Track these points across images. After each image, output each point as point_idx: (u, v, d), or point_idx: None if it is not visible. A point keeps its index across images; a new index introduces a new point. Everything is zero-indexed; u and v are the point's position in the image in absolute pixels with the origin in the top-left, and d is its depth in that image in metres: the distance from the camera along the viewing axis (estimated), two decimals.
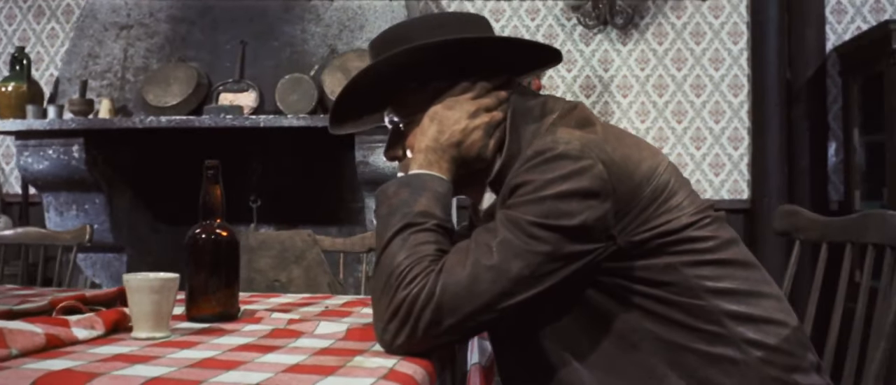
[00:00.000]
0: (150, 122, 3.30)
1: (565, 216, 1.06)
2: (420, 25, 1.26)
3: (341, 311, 1.48)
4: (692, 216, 1.16)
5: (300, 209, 3.84)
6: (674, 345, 1.13)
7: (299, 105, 3.31)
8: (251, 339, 1.16)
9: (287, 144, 3.70)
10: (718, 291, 1.14)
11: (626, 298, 1.13)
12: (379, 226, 1.16)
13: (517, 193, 1.09)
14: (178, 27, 3.58)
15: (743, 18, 3.79)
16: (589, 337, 1.15)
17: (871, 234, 1.34)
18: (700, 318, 1.13)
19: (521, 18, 3.89)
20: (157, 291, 1.17)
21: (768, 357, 1.14)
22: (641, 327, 1.13)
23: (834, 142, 3.70)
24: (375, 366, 0.97)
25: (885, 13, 3.67)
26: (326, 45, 3.51)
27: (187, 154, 3.71)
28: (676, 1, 3.81)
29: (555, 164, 1.07)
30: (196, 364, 0.97)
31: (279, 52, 3.53)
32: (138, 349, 1.07)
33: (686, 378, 1.13)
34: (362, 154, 3.32)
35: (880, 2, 3.70)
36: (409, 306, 1.04)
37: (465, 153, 1.20)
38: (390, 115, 1.29)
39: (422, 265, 1.06)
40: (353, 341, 1.15)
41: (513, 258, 1.05)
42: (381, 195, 1.18)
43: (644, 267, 1.12)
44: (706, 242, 1.16)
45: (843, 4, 3.72)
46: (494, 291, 1.05)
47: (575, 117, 1.17)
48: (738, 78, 3.79)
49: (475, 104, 1.21)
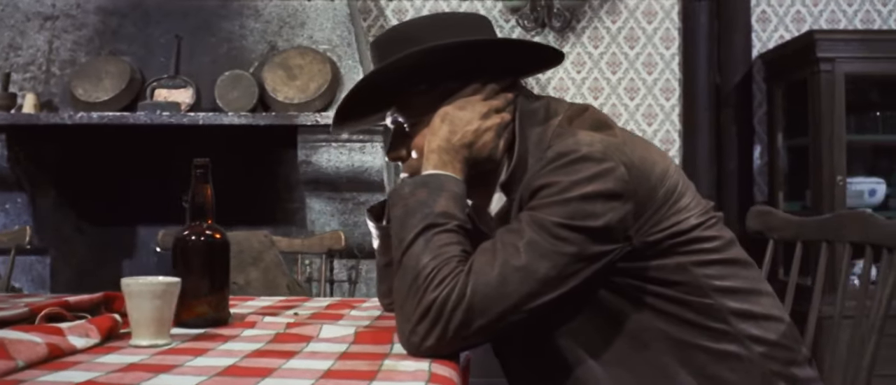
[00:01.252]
0: (80, 117, 3.15)
1: (590, 217, 1.07)
2: (426, 26, 1.24)
3: (329, 314, 1.45)
4: (699, 217, 1.19)
5: (234, 209, 3.72)
6: (683, 343, 1.16)
7: (240, 103, 3.22)
8: (259, 344, 1.12)
9: (221, 142, 3.59)
10: (724, 290, 1.17)
11: (638, 298, 1.15)
12: (395, 226, 1.14)
13: (541, 195, 1.09)
14: (108, 19, 3.43)
15: (675, 24, 3.91)
16: (602, 336, 1.16)
17: (850, 232, 1.41)
18: (708, 317, 1.16)
19: None
20: (160, 296, 1.11)
21: (769, 352, 1.18)
22: (653, 326, 1.16)
23: (759, 145, 3.86)
24: (413, 369, 0.95)
25: (806, 23, 3.86)
26: (266, 42, 3.42)
27: (116, 152, 3.56)
28: (612, 5, 3.90)
29: (579, 166, 1.08)
30: (225, 372, 0.93)
31: (216, 47, 3.42)
32: (148, 358, 1.02)
33: (695, 375, 1.16)
34: (305, 153, 3.26)
35: (801, 12, 3.88)
36: (439, 308, 1.03)
37: (476, 154, 1.19)
38: (395, 116, 1.27)
39: (449, 266, 1.05)
40: (367, 345, 1.12)
41: (540, 259, 1.05)
42: (395, 195, 1.16)
43: (657, 267, 1.15)
44: (712, 242, 1.19)
45: (767, 14, 3.89)
46: (523, 292, 1.05)
47: (589, 119, 1.18)
48: (670, 82, 3.91)
49: (486, 105, 1.21)
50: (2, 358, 0.92)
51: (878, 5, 3.85)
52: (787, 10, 3.88)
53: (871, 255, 1.35)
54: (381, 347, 1.10)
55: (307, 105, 3.24)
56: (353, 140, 3.26)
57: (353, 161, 3.26)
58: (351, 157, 3.26)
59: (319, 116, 3.20)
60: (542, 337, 1.17)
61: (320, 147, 3.25)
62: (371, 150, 3.26)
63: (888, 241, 1.28)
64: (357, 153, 3.26)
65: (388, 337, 1.17)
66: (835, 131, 3.33)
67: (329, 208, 3.39)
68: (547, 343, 1.17)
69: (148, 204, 3.64)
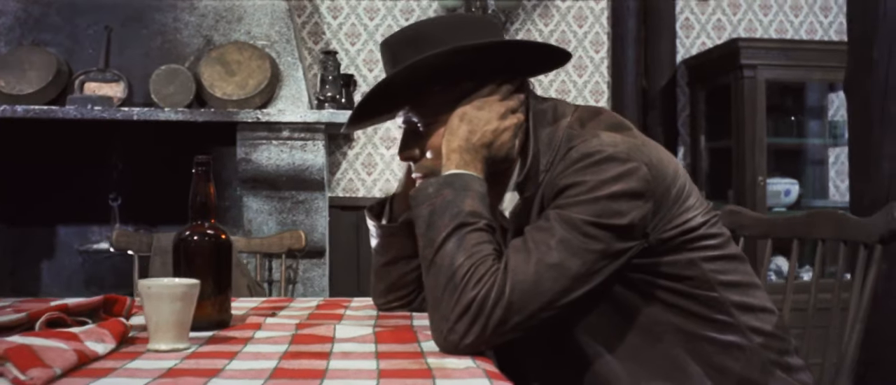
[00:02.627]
0: (3, 111, 2.98)
1: (617, 215, 1.10)
2: (441, 27, 1.25)
3: (327, 314, 1.43)
4: (705, 215, 1.24)
5: (163, 208, 3.60)
6: (692, 335, 1.21)
7: (176, 98, 3.12)
8: (283, 346, 1.10)
9: (149, 139, 3.46)
10: (727, 284, 1.23)
11: (650, 293, 1.20)
12: (421, 225, 1.14)
13: (568, 193, 1.11)
14: (31, 8, 3.25)
15: (604, 29, 4.02)
16: (617, 331, 1.20)
17: (821, 230, 1.50)
18: (714, 310, 1.22)
19: (396, 18, 3.90)
20: (180, 299, 1.08)
21: (766, 342, 1.25)
22: (664, 320, 1.20)
23: (682, 146, 4.02)
24: (463, 366, 0.96)
25: (726, 31, 4.04)
26: (201, 36, 3.33)
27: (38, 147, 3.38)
28: (544, 9, 3.98)
29: (605, 166, 1.11)
30: (277, 375, 0.91)
31: (148, 40, 3.30)
32: (181, 362, 0.99)
33: (702, 365, 1.21)
34: (245, 151, 3.19)
35: (721, 21, 4.07)
36: (479, 305, 1.04)
37: (494, 154, 1.21)
38: (408, 115, 1.27)
39: (486, 265, 1.06)
40: (394, 344, 1.11)
41: (571, 256, 1.08)
42: (419, 195, 1.16)
43: (669, 263, 1.19)
44: (717, 239, 1.25)
45: (690, 21, 4.06)
46: (556, 289, 1.07)
47: (606, 121, 1.22)
48: (599, 85, 4.02)
49: (504, 106, 1.22)
50: (38, 366, 0.88)
51: (791, 16, 4.08)
52: (709, 18, 4.06)
53: (845, 251, 1.44)
54: (409, 346, 1.10)
55: (247, 102, 3.17)
56: (295, 138, 3.21)
57: (294, 159, 3.21)
58: (292, 156, 3.21)
59: (260, 113, 3.14)
60: (562, 334, 1.20)
61: (260, 144, 3.19)
62: (313, 148, 3.22)
63: (864, 237, 1.37)
64: (298, 151, 3.21)
65: (411, 336, 1.17)
66: (756, 134, 3.52)
67: (267, 207, 3.32)
68: (566, 340, 1.20)
69: (69, 203, 3.47)
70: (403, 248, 1.41)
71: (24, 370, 0.86)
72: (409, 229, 1.41)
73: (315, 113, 3.19)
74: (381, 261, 1.43)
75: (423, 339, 1.14)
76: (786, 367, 1.26)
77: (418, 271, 1.43)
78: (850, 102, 2.39)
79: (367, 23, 3.88)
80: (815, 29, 4.08)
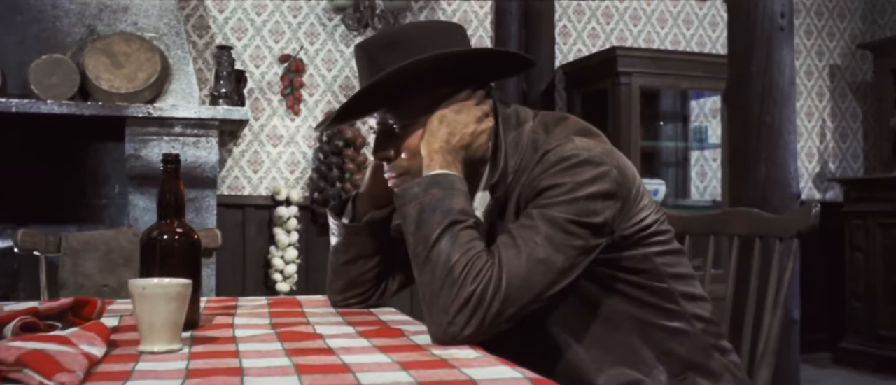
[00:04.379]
0: None
1: (593, 214, 1.19)
2: (417, 32, 1.29)
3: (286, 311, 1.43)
4: (656, 213, 1.35)
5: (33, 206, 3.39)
6: (645, 323, 1.32)
7: (59, 89, 2.95)
8: (277, 343, 1.11)
9: (15, 132, 3.24)
10: (675, 276, 1.35)
11: (610, 285, 1.29)
12: (411, 223, 1.18)
13: (549, 194, 1.19)
14: None
15: (487, 33, 4.16)
16: (582, 321, 1.29)
17: (736, 226, 1.66)
18: (664, 299, 1.33)
19: (283, 14, 3.85)
20: (175, 299, 1.06)
21: (706, 328, 1.37)
22: (622, 310, 1.30)
23: None
24: (471, 356, 1.01)
25: (599, 39, 4.29)
26: (84, 25, 3.16)
27: None
28: (431, 11, 4.06)
29: (582, 169, 1.20)
30: (305, 370, 0.92)
31: (24, 27, 3.10)
32: (189, 362, 0.98)
33: (653, 350, 1.32)
34: (134, 147, 3.07)
35: (596, 29, 4.31)
36: (479, 299, 1.09)
37: (471, 155, 1.27)
38: (385, 117, 1.30)
39: (481, 260, 1.12)
40: (380, 338, 1.15)
41: (556, 252, 1.15)
42: (407, 194, 1.20)
43: (628, 257, 1.29)
44: (665, 235, 1.36)
45: (568, 29, 4.26)
46: (545, 282, 1.14)
47: (575, 126, 1.30)
48: None
49: (480, 110, 1.28)
50: (62, 370, 0.85)
51: (658, 28, 4.38)
52: (585, 26, 4.29)
53: (760, 245, 1.60)
54: (401, 340, 1.14)
55: (136, 95, 3.05)
56: (187, 134, 3.12)
57: (186, 156, 3.11)
58: (184, 152, 3.11)
59: (152, 108, 3.02)
60: (535, 327, 1.27)
61: (151, 140, 3.08)
62: (206, 145, 3.14)
63: (781, 232, 1.53)
64: (191, 148, 3.12)
65: (396, 331, 1.20)
66: (632, 137, 3.76)
67: (154, 206, 3.20)
68: (540, 332, 1.27)
69: None
70: (365, 246, 1.43)
71: (50, 376, 0.83)
72: (372, 229, 1.44)
73: (210, 109, 3.11)
74: (341, 259, 1.45)
75: (409, 333, 1.18)
76: (721, 350, 1.40)
77: (377, 269, 1.47)
78: (730, 112, 2.62)
79: (255, 18, 3.81)
80: (678, 41, 4.40)
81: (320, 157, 3.81)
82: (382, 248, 1.46)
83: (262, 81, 3.80)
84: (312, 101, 3.88)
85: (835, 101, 4.68)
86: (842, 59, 4.71)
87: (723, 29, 4.47)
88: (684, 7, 4.42)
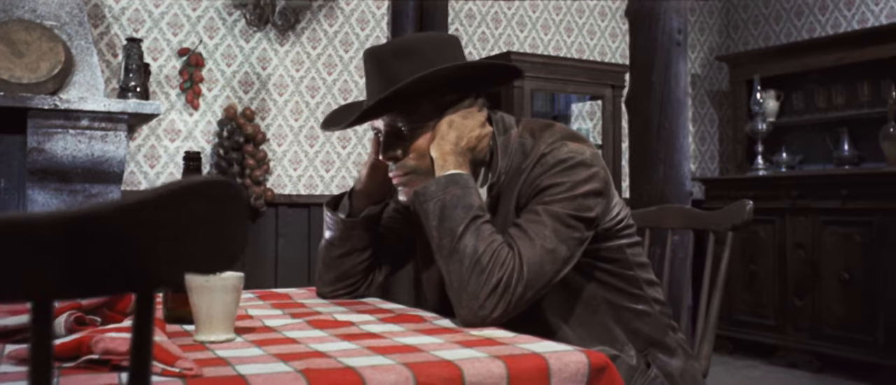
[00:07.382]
0: None
1: (587, 210, 1.35)
2: (425, 43, 1.40)
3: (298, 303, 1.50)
4: (623, 209, 1.54)
5: None
6: (617, 306, 1.50)
7: None
8: (315, 330, 1.19)
9: None
10: (639, 264, 1.54)
11: (590, 273, 1.46)
12: (433, 218, 1.29)
13: (550, 192, 1.34)
14: None
15: (384, 33, 4.26)
16: (568, 305, 1.45)
17: (671, 221, 1.88)
18: (632, 285, 1.52)
19: (182, 7, 3.79)
20: (232, 291, 1.13)
21: (663, 309, 1.58)
22: (599, 295, 1.48)
23: None
24: (499, 336, 1.15)
25: (489, 43, 4.50)
26: None
27: None
28: (329, 10, 4.12)
29: (578, 170, 1.35)
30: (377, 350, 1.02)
31: None
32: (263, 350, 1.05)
33: (624, 330, 1.50)
34: (37, 140, 2.95)
35: (485, 34, 4.51)
36: (506, 284, 1.23)
37: (476, 157, 1.40)
38: (393, 120, 1.40)
39: (504, 251, 1.26)
40: (413, 323, 1.26)
41: (560, 243, 1.31)
42: (426, 192, 1.31)
43: (605, 248, 1.47)
44: (632, 228, 1.55)
45: (460, 32, 4.44)
46: (553, 270, 1.30)
47: (562, 132, 1.45)
48: None
49: (482, 116, 1.41)
50: (179, 359, 0.91)
51: (542, 34, 4.65)
52: (476, 30, 4.48)
53: (693, 237, 1.83)
54: (426, 324, 1.25)
55: (38, 86, 2.93)
56: (94, 127, 3.03)
57: (93, 150, 3.03)
58: (91, 147, 3.02)
59: (58, 99, 2.92)
60: (531, 311, 1.42)
61: (56, 134, 2.97)
62: (114, 139, 3.06)
63: (715, 226, 1.76)
64: (98, 142, 3.03)
65: (416, 317, 1.32)
66: None
67: (55, 202, 3.09)
68: (534, 315, 1.42)
69: None
70: (360, 240, 1.53)
71: (171, 363, 0.89)
72: (367, 223, 1.54)
73: (120, 102, 3.03)
74: (335, 252, 1.54)
75: (431, 319, 1.29)
76: (673, 329, 1.60)
77: (368, 262, 1.57)
78: (632, 117, 2.88)
79: (152, 9, 3.73)
80: (560, 47, 4.69)
81: (220, 153, 3.78)
82: (374, 241, 1.56)
83: (159, 75, 3.72)
84: (211, 95, 3.84)
85: (695, 108, 5.14)
86: (702, 69, 5.19)
87: (600, 37, 4.81)
88: (565, 16, 4.72)
